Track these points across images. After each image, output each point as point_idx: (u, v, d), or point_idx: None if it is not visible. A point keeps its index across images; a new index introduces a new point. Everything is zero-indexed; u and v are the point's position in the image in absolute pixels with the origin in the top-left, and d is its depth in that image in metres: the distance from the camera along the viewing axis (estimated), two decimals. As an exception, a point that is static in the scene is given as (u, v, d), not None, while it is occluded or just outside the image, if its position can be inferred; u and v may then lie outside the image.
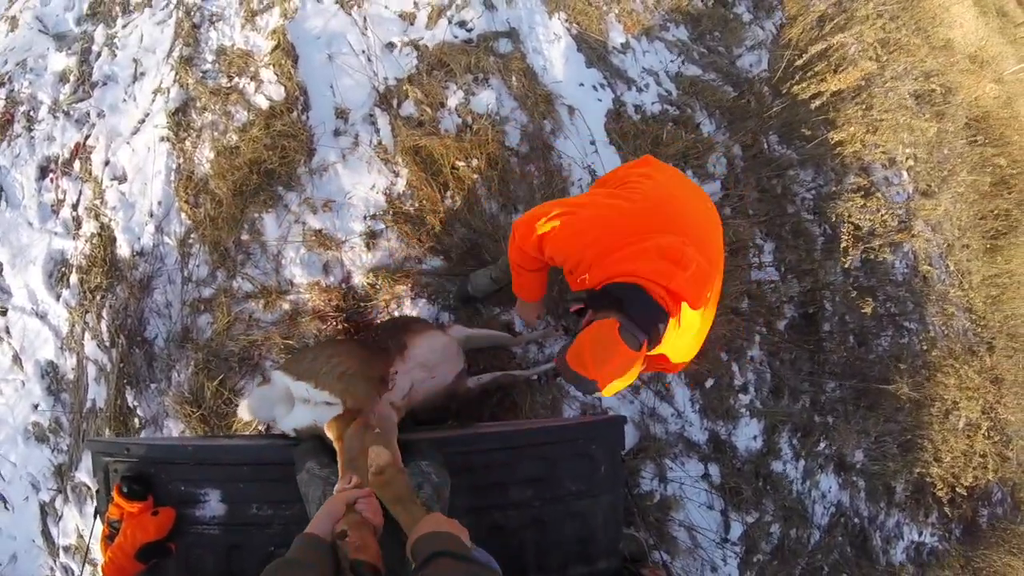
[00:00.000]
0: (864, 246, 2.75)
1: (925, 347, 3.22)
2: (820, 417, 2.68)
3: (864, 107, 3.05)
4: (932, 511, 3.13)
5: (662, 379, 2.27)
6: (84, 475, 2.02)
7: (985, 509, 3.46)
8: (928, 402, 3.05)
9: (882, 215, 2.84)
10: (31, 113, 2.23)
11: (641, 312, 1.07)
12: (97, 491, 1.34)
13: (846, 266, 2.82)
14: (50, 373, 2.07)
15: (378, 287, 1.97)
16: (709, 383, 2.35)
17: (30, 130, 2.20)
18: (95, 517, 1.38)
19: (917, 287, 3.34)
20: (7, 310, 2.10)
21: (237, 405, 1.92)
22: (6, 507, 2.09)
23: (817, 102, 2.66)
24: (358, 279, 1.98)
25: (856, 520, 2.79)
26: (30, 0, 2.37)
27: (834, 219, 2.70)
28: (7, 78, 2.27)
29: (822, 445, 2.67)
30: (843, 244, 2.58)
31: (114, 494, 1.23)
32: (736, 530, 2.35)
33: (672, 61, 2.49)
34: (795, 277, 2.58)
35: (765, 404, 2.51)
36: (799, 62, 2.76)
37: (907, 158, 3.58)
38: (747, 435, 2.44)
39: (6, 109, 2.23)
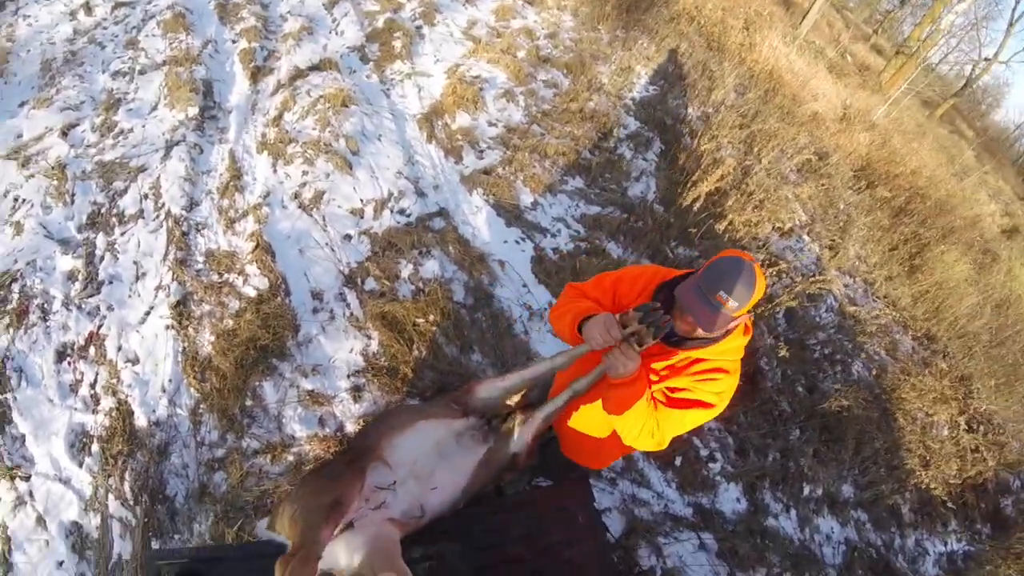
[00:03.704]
0: (774, 305, 3.14)
1: (875, 374, 3.45)
2: (794, 464, 2.81)
3: (743, 193, 3.67)
4: (949, 519, 3.14)
5: (635, 467, 2.45)
6: (105, 632, 2.01)
7: (1007, 499, 3.46)
8: (901, 422, 3.20)
9: (789, 277, 3.29)
10: (45, 305, 2.36)
11: None
12: None
13: (771, 328, 3.20)
14: (74, 533, 2.11)
15: (368, 431, 2.27)
16: (678, 461, 2.54)
17: (45, 320, 2.33)
18: None
19: (848, 326, 3.65)
20: (31, 476, 2.17)
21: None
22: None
23: (699, 203, 3.27)
24: (350, 426, 2.27)
25: (872, 551, 2.80)
26: (32, 208, 2.58)
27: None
28: (19, 275, 2.41)
29: (807, 490, 2.78)
30: (759, 311, 3.01)
31: None
32: (748, 586, 2.35)
33: (575, 206, 3.12)
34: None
35: (735, 466, 2.66)
36: (678, 177, 3.45)
37: (802, 224, 4.15)
38: (730, 499, 2.57)
39: (20, 302, 2.34)
